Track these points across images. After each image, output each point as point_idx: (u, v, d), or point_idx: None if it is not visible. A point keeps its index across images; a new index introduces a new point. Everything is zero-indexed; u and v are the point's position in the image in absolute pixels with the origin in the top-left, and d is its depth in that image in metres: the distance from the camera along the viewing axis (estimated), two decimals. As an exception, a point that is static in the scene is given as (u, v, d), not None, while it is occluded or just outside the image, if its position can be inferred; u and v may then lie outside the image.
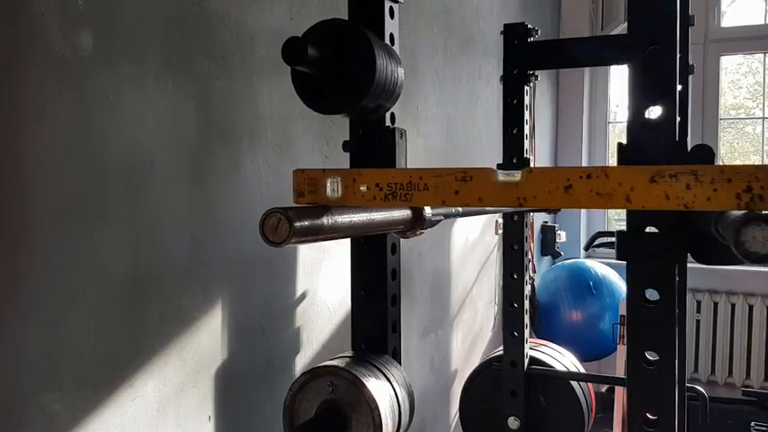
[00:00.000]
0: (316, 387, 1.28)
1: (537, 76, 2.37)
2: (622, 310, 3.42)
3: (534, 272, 3.65)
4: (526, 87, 2.37)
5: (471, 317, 3.15)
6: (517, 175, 0.91)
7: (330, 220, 1.00)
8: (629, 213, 1.23)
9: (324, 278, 1.99)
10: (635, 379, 1.23)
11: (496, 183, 0.91)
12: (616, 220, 4.74)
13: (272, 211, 0.92)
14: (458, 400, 2.72)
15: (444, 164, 2.80)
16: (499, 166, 2.46)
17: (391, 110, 1.39)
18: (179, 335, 1.47)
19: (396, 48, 1.41)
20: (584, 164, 4.46)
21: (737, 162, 4.95)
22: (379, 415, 1.21)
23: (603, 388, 3.61)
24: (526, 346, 2.45)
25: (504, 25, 2.36)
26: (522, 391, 2.44)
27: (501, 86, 2.35)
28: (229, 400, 1.62)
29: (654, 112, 1.18)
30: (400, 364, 1.44)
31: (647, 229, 1.21)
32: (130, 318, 1.35)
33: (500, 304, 3.55)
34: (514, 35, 2.33)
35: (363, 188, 0.99)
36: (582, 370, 2.73)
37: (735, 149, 4.97)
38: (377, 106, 1.30)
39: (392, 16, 1.40)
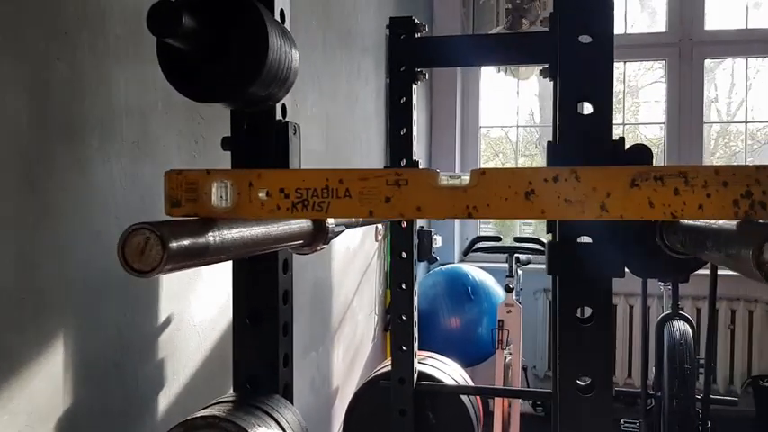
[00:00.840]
0: (193, 444, 1.02)
1: (425, 74, 2.23)
2: (500, 315, 3.39)
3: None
4: (414, 86, 2.22)
5: (352, 330, 2.96)
6: (465, 179, 0.72)
7: (217, 238, 0.76)
8: (559, 221, 1.08)
9: (193, 297, 1.71)
10: (567, 407, 1.08)
11: (439, 188, 0.72)
12: (483, 225, 4.77)
13: (137, 228, 0.67)
14: (339, 420, 2.52)
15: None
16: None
17: (283, 101, 1.17)
18: (5, 383, 1.15)
19: (287, 27, 1.18)
20: (458, 168, 4.43)
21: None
22: (275, 476, 0.98)
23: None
24: (415, 361, 2.30)
25: (390, 19, 2.20)
26: (411, 409, 2.28)
27: (379, 86, 2.19)
28: (76, 457, 1.30)
29: (586, 108, 1.05)
30: (292, 401, 1.21)
31: (580, 239, 1.07)
32: (-65, 368, 1.02)
33: (380, 314, 3.40)
34: (401, 30, 2.18)
35: (263, 195, 0.76)
36: (469, 380, 2.63)
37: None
38: (267, 95, 1.06)
39: (282, -12, 1.17)
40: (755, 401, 3.86)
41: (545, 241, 3.35)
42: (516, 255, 3.54)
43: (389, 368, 2.34)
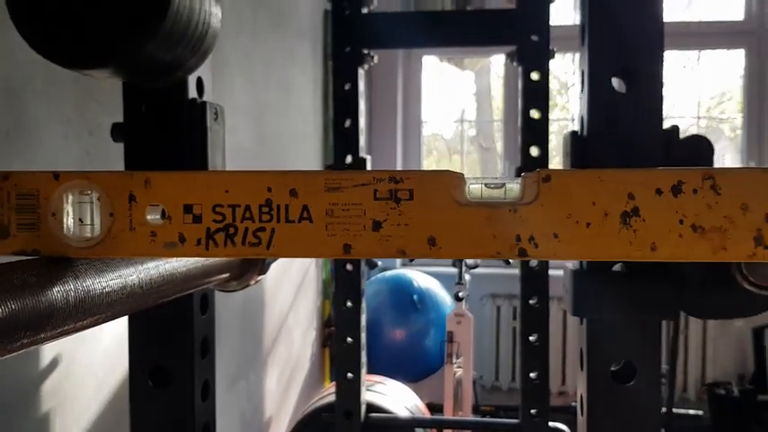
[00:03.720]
0: None
1: (373, 57, 1.92)
2: (450, 326, 3.12)
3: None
4: (360, 70, 1.91)
5: (287, 349, 2.62)
6: (513, 188, 0.42)
7: (71, 295, 0.43)
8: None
9: (88, 331, 1.34)
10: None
11: (469, 206, 0.41)
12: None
13: None
14: (274, 456, 2.19)
15: (257, 166, 2.25)
16: (330, 168, 1.98)
17: (198, 73, 0.84)
18: None
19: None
20: (400, 165, 4.15)
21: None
22: None
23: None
24: (362, 390, 1.99)
25: (334, -8, 1.87)
26: (359, 446, 1.97)
27: (317, 75, 1.88)
28: None
29: (625, 86, 0.76)
30: (217, 487, 0.89)
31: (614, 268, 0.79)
32: None
33: (318, 329, 3.07)
34: (346, 3, 1.86)
35: (154, 216, 0.43)
36: (422, 406, 2.34)
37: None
38: (173, 60, 0.74)
39: None
40: (711, 409, 3.74)
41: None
42: (465, 259, 3.28)
43: (332, 397, 2.02)
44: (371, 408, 2.02)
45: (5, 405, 1.14)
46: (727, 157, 4.30)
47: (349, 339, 1.97)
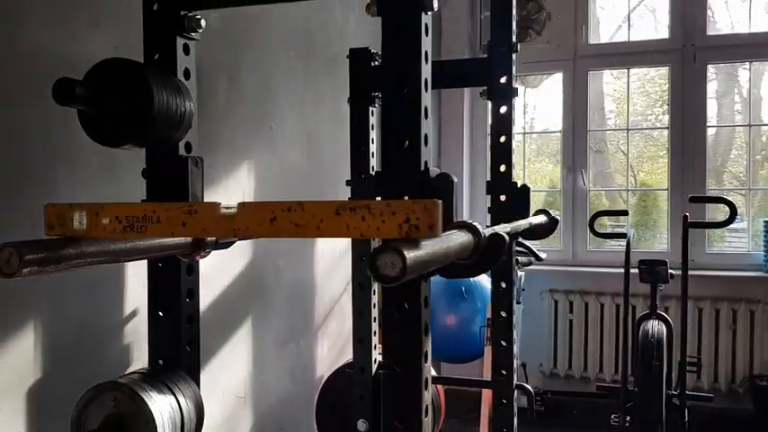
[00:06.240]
0: (100, 402, 1.35)
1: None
2: (489, 313, 3.61)
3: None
4: (371, 108, 2.51)
5: (339, 325, 3.26)
6: (233, 209, 1.02)
7: (77, 250, 1.08)
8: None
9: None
10: (390, 383, 1.34)
11: (218, 216, 1.02)
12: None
13: (4, 246, 1.00)
14: (322, 406, 2.82)
15: (307, 183, 2.91)
16: (348, 183, 2.59)
17: (187, 138, 1.48)
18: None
19: (192, 81, 1.49)
20: (467, 173, 4.68)
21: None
22: (155, 427, 1.30)
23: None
24: (375, 352, 2.58)
25: (350, 50, 2.49)
26: (369, 394, 2.56)
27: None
28: (45, 417, 1.66)
29: (403, 145, 1.31)
30: (198, 379, 1.52)
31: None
32: None
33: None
34: (360, 59, 2.47)
35: (106, 221, 1.07)
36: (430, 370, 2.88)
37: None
38: (168, 136, 1.38)
39: (187, 52, 1.48)
40: (752, 400, 3.92)
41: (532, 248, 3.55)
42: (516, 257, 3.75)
43: (357, 359, 2.63)
44: (381, 365, 2.61)
45: (98, 339, 1.85)
46: None
47: (362, 313, 2.58)
